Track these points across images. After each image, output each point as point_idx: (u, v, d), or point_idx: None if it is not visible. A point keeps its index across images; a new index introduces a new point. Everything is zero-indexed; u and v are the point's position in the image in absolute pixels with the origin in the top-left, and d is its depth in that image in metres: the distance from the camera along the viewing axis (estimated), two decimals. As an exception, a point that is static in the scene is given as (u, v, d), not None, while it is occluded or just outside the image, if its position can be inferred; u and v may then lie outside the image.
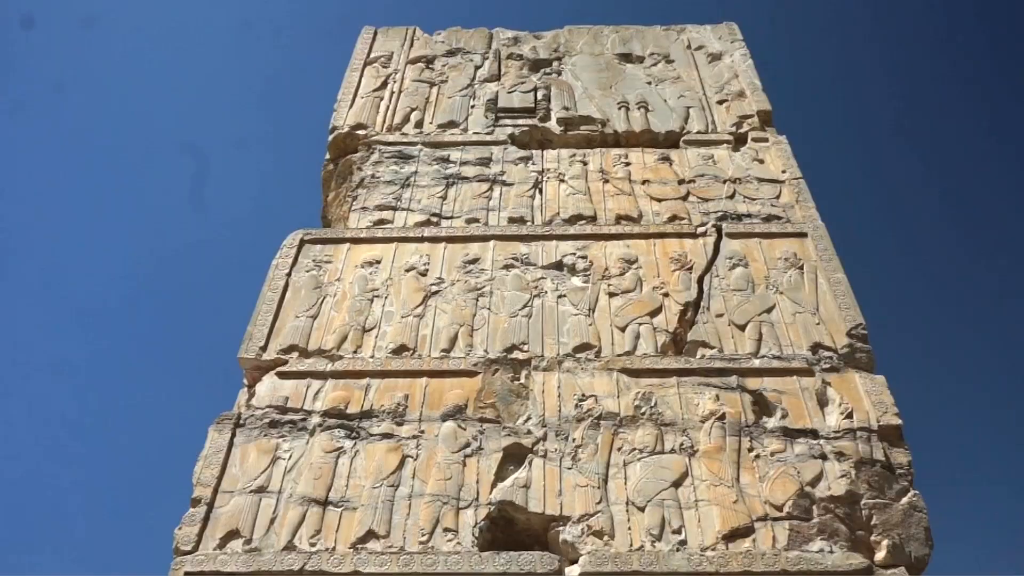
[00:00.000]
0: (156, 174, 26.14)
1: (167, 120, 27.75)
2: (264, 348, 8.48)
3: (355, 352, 8.38)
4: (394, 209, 10.24)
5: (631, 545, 6.73)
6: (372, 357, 8.32)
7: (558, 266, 9.22)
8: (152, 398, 23.66)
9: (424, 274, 9.19)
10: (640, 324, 8.53)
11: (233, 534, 6.94)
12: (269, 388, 8.13)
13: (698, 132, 11.46)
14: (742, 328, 8.50)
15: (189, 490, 7.33)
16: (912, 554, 6.83)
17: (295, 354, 8.42)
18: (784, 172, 10.62)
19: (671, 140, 11.36)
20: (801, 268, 9.13)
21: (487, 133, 11.47)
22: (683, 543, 6.73)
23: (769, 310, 8.67)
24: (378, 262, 9.38)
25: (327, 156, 11.68)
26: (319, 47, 27.91)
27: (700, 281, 9.02)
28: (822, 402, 7.82)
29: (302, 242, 9.70)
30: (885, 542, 6.84)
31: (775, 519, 6.90)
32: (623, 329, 8.49)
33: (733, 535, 6.77)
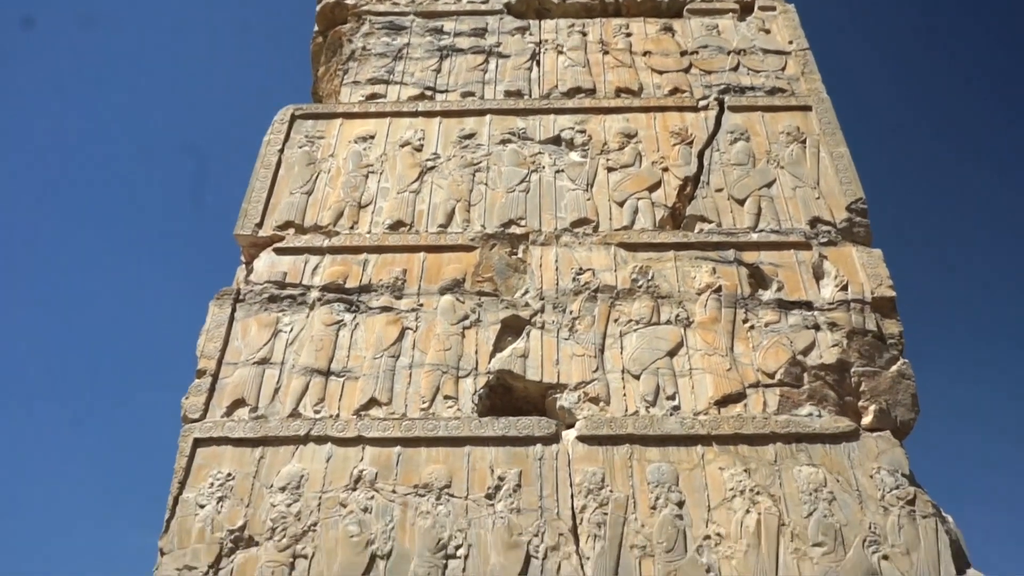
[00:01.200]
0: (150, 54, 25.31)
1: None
2: (260, 225, 8.43)
3: (352, 228, 8.34)
4: (386, 83, 9.92)
5: (626, 410, 6.94)
6: (369, 233, 8.28)
7: (556, 141, 9.04)
8: (155, 278, 23.97)
9: (419, 149, 9.01)
10: (638, 199, 8.45)
11: (239, 403, 7.14)
12: (267, 264, 8.14)
13: (702, 0, 10.96)
14: (741, 203, 8.43)
15: (195, 364, 7.48)
16: (898, 419, 7.06)
17: (291, 230, 8.38)
18: (791, 43, 10.24)
19: (674, 9, 10.88)
20: (803, 142, 8.96)
21: (482, 2, 10.96)
22: (676, 408, 6.95)
23: (769, 184, 8.58)
24: (372, 137, 9.18)
25: (316, 28, 11.21)
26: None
27: (700, 155, 8.87)
28: (818, 275, 7.87)
29: (293, 117, 9.45)
30: (872, 407, 7.06)
31: (766, 386, 7.09)
32: (621, 204, 8.43)
33: (725, 401, 6.98)
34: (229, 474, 6.74)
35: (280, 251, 8.20)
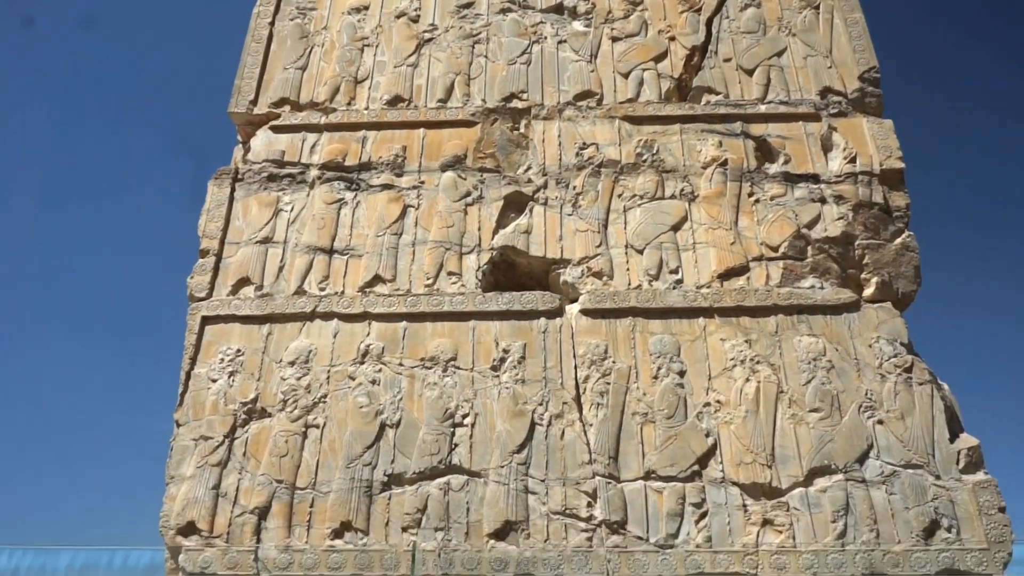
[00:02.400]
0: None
1: None
2: (254, 102, 8.20)
3: (349, 104, 8.11)
4: (379, -51, 9.38)
5: (629, 284, 6.98)
6: (367, 109, 8.06)
7: (558, 9, 8.64)
8: (153, 158, 23.73)
9: (416, 20, 8.63)
10: (644, 70, 8.16)
11: (244, 282, 7.18)
12: (264, 143, 7.97)
13: None
14: (750, 73, 8.15)
15: (197, 244, 7.47)
16: (899, 290, 7.09)
17: (287, 108, 8.15)
18: (807, -100, 9.60)
19: None
20: (817, 8, 8.55)
21: None
22: (679, 282, 6.97)
23: (779, 53, 8.26)
24: (366, 8, 8.77)
25: None
26: None
27: (709, 23, 8.50)
28: (826, 147, 7.71)
29: (283, -13, 9.00)
30: (875, 279, 7.08)
31: (770, 259, 7.09)
32: (626, 75, 8.14)
33: (728, 274, 7.00)
34: (238, 350, 6.86)
35: (276, 129, 8.02)
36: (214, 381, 6.74)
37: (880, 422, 6.35)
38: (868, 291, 7.05)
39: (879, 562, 5.81)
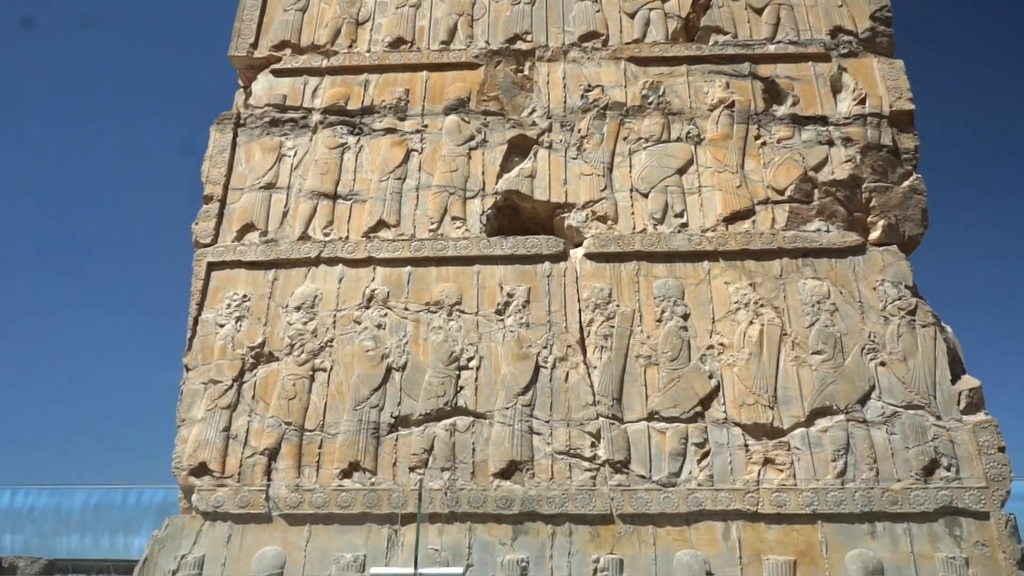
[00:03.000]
0: None
1: None
2: (255, 45, 8.08)
3: (350, 47, 7.99)
4: None
5: (634, 228, 6.95)
6: (369, 52, 7.94)
7: (563, -53, 8.41)
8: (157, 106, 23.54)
9: (417, -41, 8.43)
10: (651, 9, 7.98)
11: (248, 227, 7.18)
12: (265, 87, 7.88)
13: None
14: (759, 12, 7.97)
15: (201, 191, 7.46)
16: (906, 234, 7.05)
17: (288, 51, 8.04)
18: None
19: None
20: (828, -56, 8.31)
21: None
22: (684, 225, 6.95)
23: (791, -10, 8.06)
24: (366, -53, 8.55)
25: None
26: None
27: (717, -40, 8.27)
28: (835, 88, 7.58)
29: (281, -74, 8.77)
30: (881, 222, 7.03)
31: (776, 202, 7.04)
32: (632, 15, 7.97)
33: (733, 217, 6.96)
34: (245, 295, 6.91)
35: (278, 72, 7.92)
36: (221, 326, 6.80)
37: (882, 364, 6.38)
38: (874, 234, 7.01)
39: (878, 499, 5.90)
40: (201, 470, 6.30)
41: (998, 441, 6.14)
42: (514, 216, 7.29)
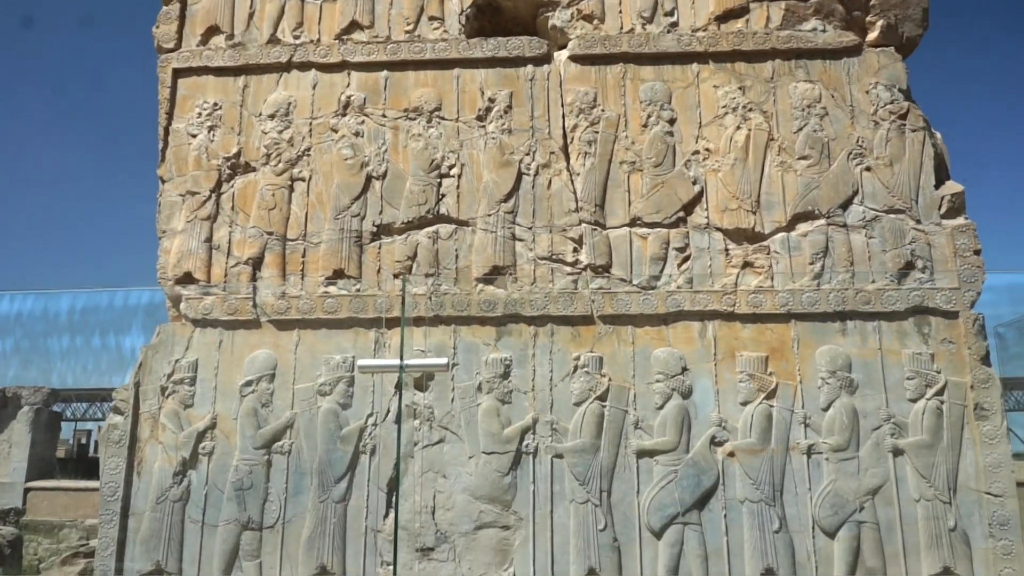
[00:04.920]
0: None
1: None
2: None
3: None
4: None
5: (621, 28, 6.61)
6: None
7: None
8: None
9: None
10: None
11: (213, 30, 6.78)
12: None
13: None
14: None
15: (159, -6, 6.95)
16: (904, 35, 6.74)
17: None
18: None
19: None
20: None
21: None
22: (674, 25, 6.60)
23: None
24: None
25: None
26: None
27: None
28: None
29: None
30: (880, 22, 6.69)
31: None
32: None
33: (726, 16, 6.61)
34: (215, 104, 6.64)
35: None
36: (193, 136, 6.59)
37: (868, 169, 6.32)
38: (872, 35, 6.70)
39: (851, 300, 6.06)
40: (187, 279, 6.35)
41: (974, 244, 6.21)
42: (495, 16, 6.89)
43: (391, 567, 5.53)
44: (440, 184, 6.36)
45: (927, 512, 5.70)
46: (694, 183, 6.30)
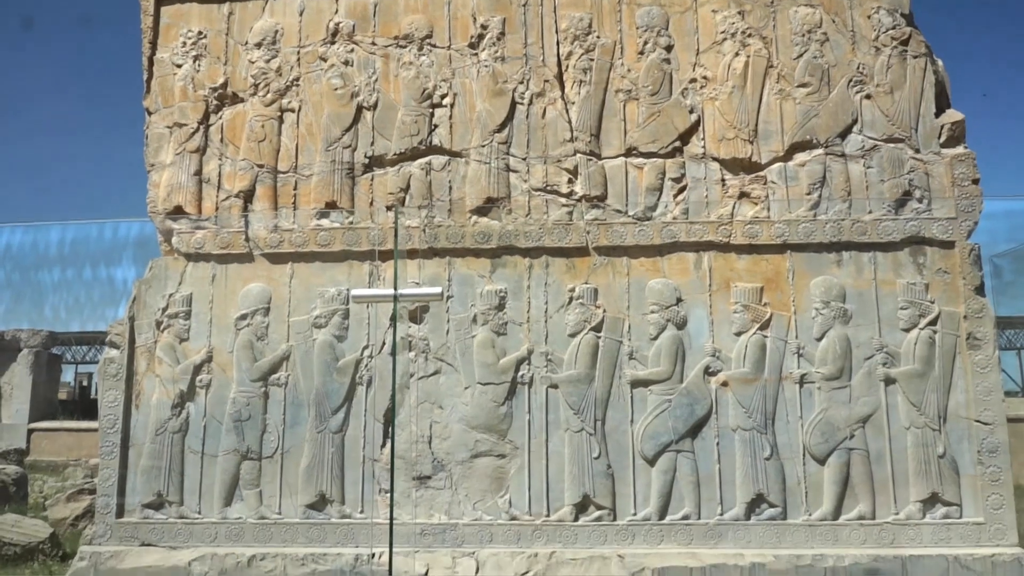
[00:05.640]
0: None
1: None
2: None
3: None
4: None
5: (617, -50, 6.39)
6: None
7: None
8: None
9: None
10: None
11: (195, -45, 6.55)
12: None
13: None
14: None
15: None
16: (909, -43, 6.54)
17: None
18: None
19: None
20: None
21: None
22: (672, -53, 6.39)
23: None
24: None
25: None
26: None
27: None
28: None
29: None
30: (884, -56, 6.48)
31: (774, -81, 6.42)
32: None
33: (726, -63, 6.39)
34: (200, 32, 6.46)
35: None
36: (178, 66, 6.44)
37: (868, 96, 6.21)
38: (875, -44, 6.50)
39: (847, 231, 6.02)
40: (178, 213, 6.28)
41: (973, 173, 6.15)
42: (487, -60, 6.65)
43: (388, 495, 5.63)
44: (432, 114, 6.24)
45: (917, 440, 5.78)
46: (691, 112, 6.19)
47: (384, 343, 6.04)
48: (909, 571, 5.51)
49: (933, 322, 5.90)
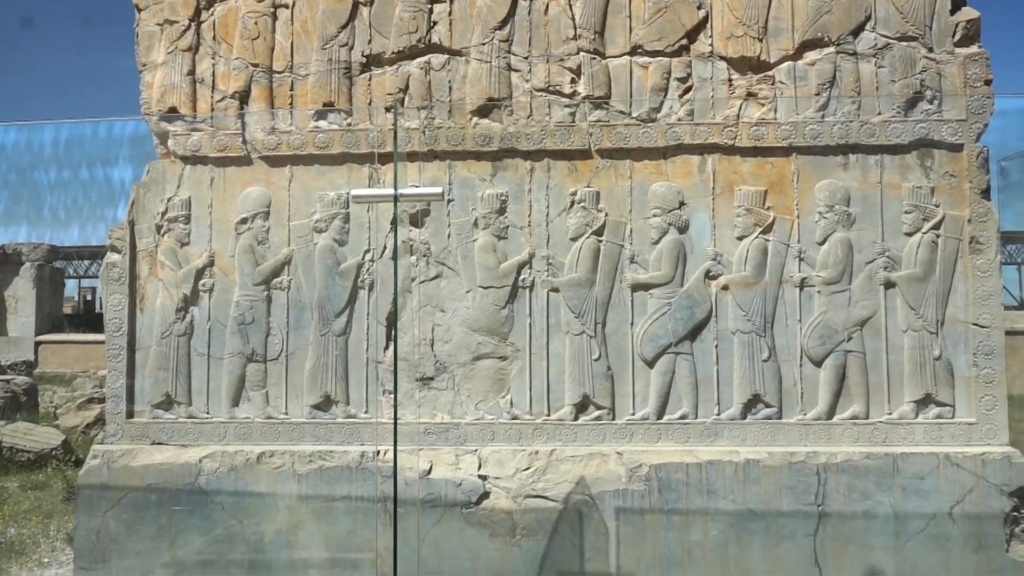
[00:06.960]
0: None
1: None
2: None
3: None
4: None
5: None
6: None
7: None
8: None
9: None
10: None
11: None
12: None
13: None
14: None
15: None
16: None
17: None
18: None
19: None
20: None
21: None
22: None
23: None
24: None
25: None
26: None
27: None
28: None
29: None
30: None
31: None
32: None
33: None
34: (187, -78, 6.17)
35: None
36: (167, -41, 6.18)
37: (882, -8, 5.98)
38: None
39: (855, 133, 5.91)
40: (172, 115, 6.16)
41: (986, 74, 5.98)
42: None
43: (392, 395, 5.73)
44: (431, 10, 6.03)
45: (913, 342, 5.84)
46: (699, 7, 5.98)
47: (385, 247, 6.03)
48: (899, 467, 5.67)
49: (936, 226, 5.87)
